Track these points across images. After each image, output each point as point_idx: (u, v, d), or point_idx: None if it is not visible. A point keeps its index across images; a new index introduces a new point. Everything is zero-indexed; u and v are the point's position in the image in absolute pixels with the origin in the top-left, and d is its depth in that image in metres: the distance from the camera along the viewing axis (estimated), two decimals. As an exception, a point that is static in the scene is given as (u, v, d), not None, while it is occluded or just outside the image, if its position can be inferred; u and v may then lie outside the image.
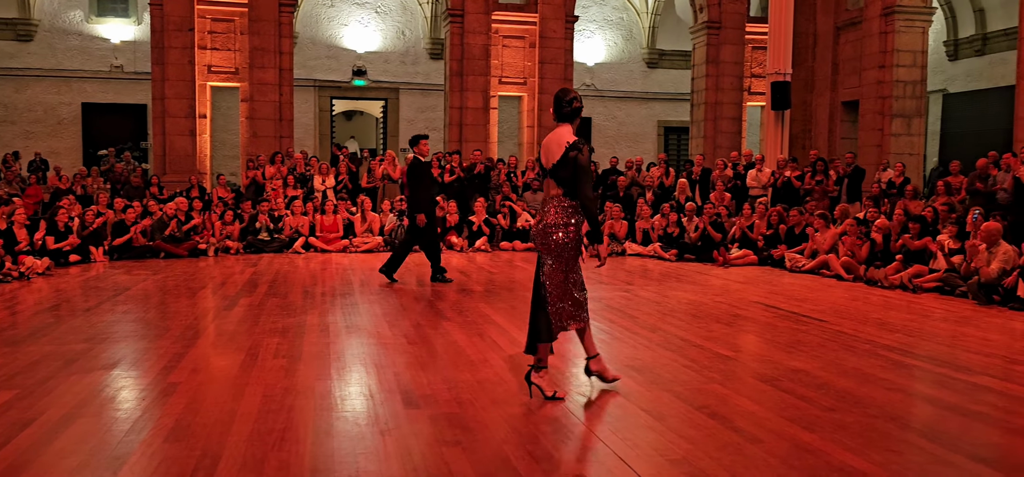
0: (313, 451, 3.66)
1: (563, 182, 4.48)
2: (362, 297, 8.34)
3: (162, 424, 4.02)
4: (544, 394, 4.50)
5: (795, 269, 11.05)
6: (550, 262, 4.51)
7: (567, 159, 4.43)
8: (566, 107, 4.58)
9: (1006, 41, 18.79)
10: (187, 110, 15.90)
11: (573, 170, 4.43)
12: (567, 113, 4.58)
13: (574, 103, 4.58)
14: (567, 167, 4.44)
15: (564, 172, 4.45)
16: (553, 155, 4.50)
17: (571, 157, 4.42)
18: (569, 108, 4.58)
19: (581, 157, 4.42)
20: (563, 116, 4.59)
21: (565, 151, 4.44)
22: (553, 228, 4.48)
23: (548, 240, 4.50)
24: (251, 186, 14.78)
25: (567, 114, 4.59)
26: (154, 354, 5.59)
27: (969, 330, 6.95)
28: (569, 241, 4.49)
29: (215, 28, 16.14)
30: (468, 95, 17.38)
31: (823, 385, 4.88)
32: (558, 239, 4.48)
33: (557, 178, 4.49)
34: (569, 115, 4.58)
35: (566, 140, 4.47)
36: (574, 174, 4.43)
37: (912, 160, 16.39)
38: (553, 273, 4.52)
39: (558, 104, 4.61)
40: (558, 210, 4.49)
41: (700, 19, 19.02)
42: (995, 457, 3.74)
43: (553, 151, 4.51)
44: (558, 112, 4.61)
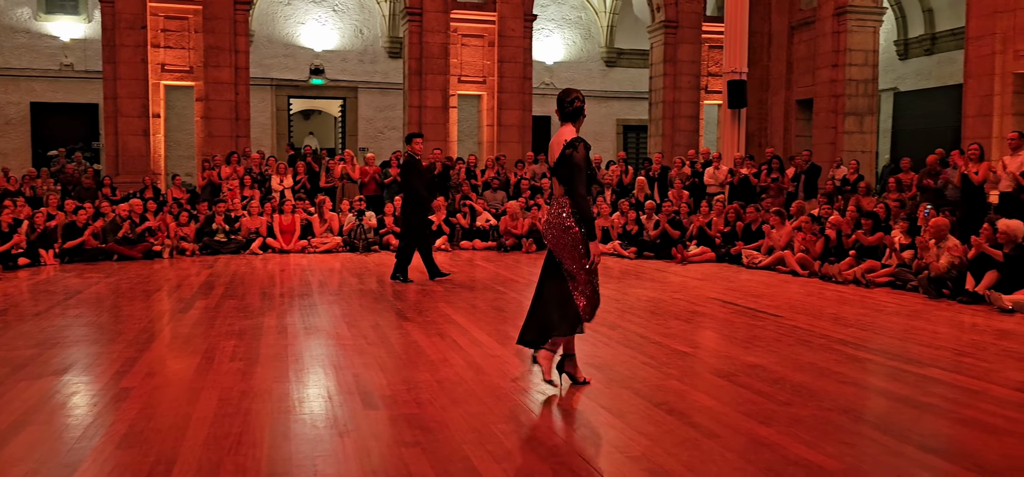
0: (270, 455, 3.62)
1: (564, 180, 4.57)
2: (321, 298, 8.26)
3: (114, 430, 3.94)
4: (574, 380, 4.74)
5: (752, 265, 11.21)
6: (564, 258, 4.58)
7: (564, 157, 4.53)
8: (568, 107, 4.66)
9: (954, 41, 19.27)
10: (140, 110, 15.61)
11: (569, 169, 4.51)
12: (569, 112, 4.66)
13: (575, 102, 4.66)
14: (565, 165, 4.53)
15: (564, 170, 4.54)
16: (554, 154, 4.61)
17: (567, 155, 4.51)
18: (570, 107, 4.66)
19: (575, 155, 4.49)
20: (566, 115, 4.68)
21: (562, 150, 4.54)
22: (559, 225, 4.57)
23: (567, 237, 4.56)
24: (207, 186, 14.55)
25: (569, 113, 4.66)
26: (107, 358, 5.48)
27: (920, 324, 7.11)
28: (576, 237, 4.55)
29: (168, 26, 15.86)
30: (427, 94, 17.32)
31: (779, 380, 4.95)
32: (568, 236, 4.55)
33: (559, 177, 4.60)
34: (571, 114, 4.66)
35: (565, 139, 4.56)
36: (570, 173, 4.51)
37: (865, 157, 16.72)
38: (569, 270, 4.58)
39: (561, 104, 4.69)
40: (562, 209, 4.59)
41: (657, 18, 19.19)
42: (943, 447, 3.84)
43: (554, 151, 4.62)
44: (561, 112, 4.69)
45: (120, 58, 15.41)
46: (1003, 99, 12.78)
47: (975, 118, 13.15)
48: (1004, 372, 5.24)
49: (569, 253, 4.56)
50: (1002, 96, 12.78)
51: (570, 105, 4.65)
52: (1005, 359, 5.65)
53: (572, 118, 4.65)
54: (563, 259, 4.58)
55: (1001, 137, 12.06)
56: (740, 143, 15.81)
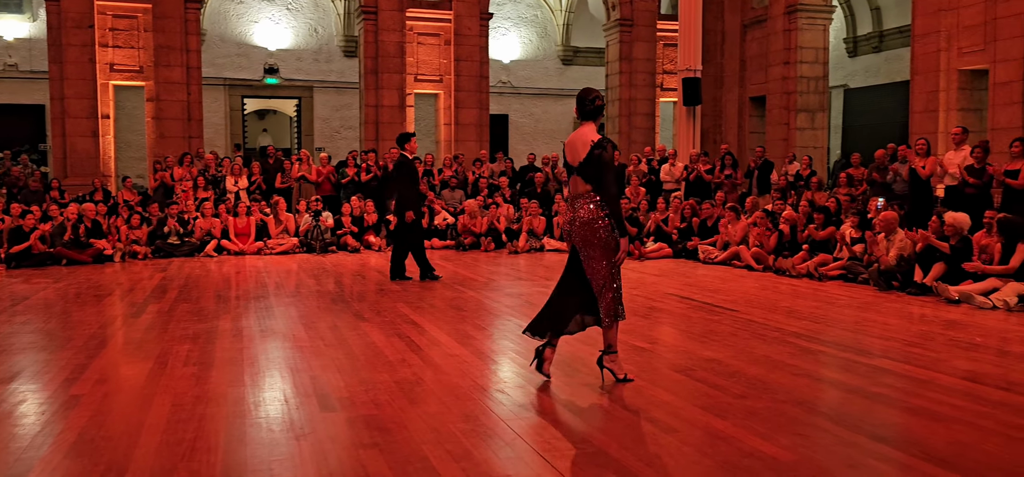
0: (225, 460, 3.56)
1: (591, 179, 4.64)
2: (277, 300, 8.16)
3: (63, 438, 3.84)
4: (616, 377, 4.76)
5: (708, 261, 11.34)
6: (594, 255, 4.67)
7: (593, 157, 4.59)
8: (589, 105, 4.72)
9: (900, 39, 19.73)
10: (89, 110, 15.26)
11: (597, 166, 4.59)
12: (590, 111, 4.72)
13: (596, 101, 4.73)
14: (593, 164, 4.60)
15: (591, 169, 4.61)
16: (579, 153, 4.66)
17: (596, 155, 4.58)
18: (591, 106, 4.72)
19: (605, 154, 4.59)
20: (586, 114, 4.74)
21: (590, 149, 4.60)
22: (594, 223, 4.63)
23: (593, 236, 4.64)
24: (160, 188, 14.28)
25: (590, 112, 4.72)
26: (55, 366, 5.34)
27: (871, 315, 7.26)
28: (610, 234, 4.64)
29: (117, 25, 15.53)
30: (383, 93, 17.20)
31: (735, 373, 5.02)
32: (601, 235, 4.63)
33: (585, 175, 4.66)
34: (592, 113, 4.72)
35: (591, 138, 4.62)
36: (598, 170, 4.59)
37: (816, 153, 17.04)
38: (598, 266, 4.66)
39: (581, 103, 4.75)
40: (593, 206, 4.65)
41: (613, 17, 19.31)
42: (895, 436, 3.92)
43: (578, 149, 4.66)
44: (581, 110, 4.75)
45: (67, 58, 15.04)
46: (948, 95, 13.12)
47: (922, 114, 13.48)
48: (951, 361, 5.38)
49: (597, 251, 4.65)
50: (947, 92, 13.11)
51: (591, 104, 4.71)
52: (952, 349, 5.80)
53: (592, 116, 4.72)
54: (591, 256, 4.66)
55: (947, 132, 12.37)
56: (695, 140, 16.01)
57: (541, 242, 13.34)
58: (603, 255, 4.65)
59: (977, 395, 4.53)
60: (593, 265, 4.67)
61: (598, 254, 4.65)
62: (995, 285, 7.68)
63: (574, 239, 4.73)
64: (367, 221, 13.57)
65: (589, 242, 4.65)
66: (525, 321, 6.86)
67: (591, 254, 4.66)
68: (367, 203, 13.81)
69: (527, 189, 15.35)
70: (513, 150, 21.70)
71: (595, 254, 4.65)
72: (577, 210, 4.70)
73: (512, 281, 9.78)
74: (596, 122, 4.73)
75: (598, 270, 4.66)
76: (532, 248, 13.17)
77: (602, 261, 4.65)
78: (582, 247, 4.69)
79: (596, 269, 4.67)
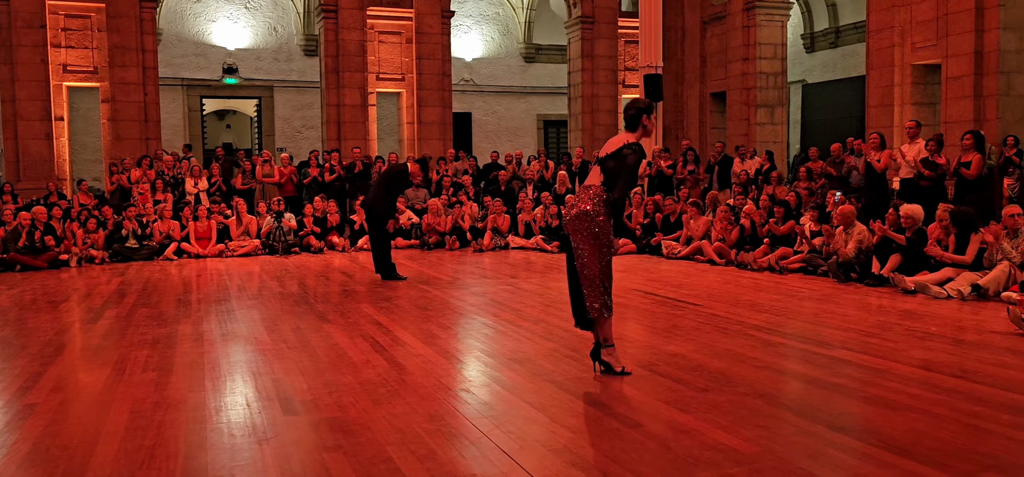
0: (185, 467, 3.51)
1: (608, 172, 4.74)
2: (239, 303, 8.06)
3: (17, 448, 3.75)
4: (613, 370, 4.81)
5: (671, 256, 11.44)
6: (587, 247, 4.73)
7: (620, 154, 4.71)
8: (631, 112, 4.85)
9: (856, 34, 20.06)
10: (41, 112, 14.93)
11: (619, 164, 4.69)
12: (630, 117, 4.84)
13: (629, 110, 4.85)
14: (616, 160, 4.71)
15: (612, 163, 4.72)
16: (610, 147, 4.82)
17: (624, 154, 4.71)
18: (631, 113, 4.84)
19: (631, 157, 4.69)
20: (627, 121, 4.88)
21: (622, 146, 4.74)
22: (594, 214, 4.71)
23: (587, 229, 4.72)
24: (116, 191, 14.02)
25: (630, 117, 4.84)
26: (9, 374, 5.21)
27: (830, 307, 7.38)
28: (605, 232, 4.74)
29: (70, 25, 15.21)
30: (345, 92, 17.07)
31: (697, 367, 5.07)
32: (593, 229, 4.71)
33: (605, 167, 4.76)
34: (631, 120, 4.84)
35: (627, 139, 4.77)
36: (618, 169, 4.69)
37: (776, 147, 17.25)
38: (591, 258, 4.73)
39: (625, 111, 4.91)
40: (595, 201, 4.73)
41: (574, 14, 19.38)
42: (853, 425, 3.99)
43: (612, 144, 4.83)
44: (625, 118, 4.90)
45: (17, 58, 14.70)
46: (903, 90, 13.38)
47: (877, 108, 13.72)
48: (908, 351, 5.49)
49: (588, 243, 4.72)
50: (902, 87, 13.37)
51: (627, 112, 4.85)
52: (908, 338, 5.92)
53: (631, 126, 4.82)
54: (581, 247, 4.74)
55: (901, 126, 12.62)
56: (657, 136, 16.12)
57: (506, 240, 13.34)
58: (594, 248, 4.72)
59: (932, 384, 4.62)
60: (583, 257, 4.74)
61: (588, 247, 4.72)
62: (949, 275, 7.86)
63: (567, 228, 4.84)
64: (330, 222, 13.45)
65: (580, 232, 4.73)
66: (490, 318, 6.88)
67: (581, 245, 4.74)
68: (330, 203, 13.69)
69: (491, 187, 15.34)
70: (477, 148, 21.67)
71: (585, 247, 4.72)
72: (579, 201, 4.79)
73: (477, 280, 9.77)
74: (635, 131, 4.80)
75: (588, 262, 4.73)
76: (497, 246, 13.17)
77: (593, 255, 4.72)
78: (573, 236, 4.78)
79: (586, 261, 4.73)
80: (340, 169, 14.77)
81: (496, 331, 6.41)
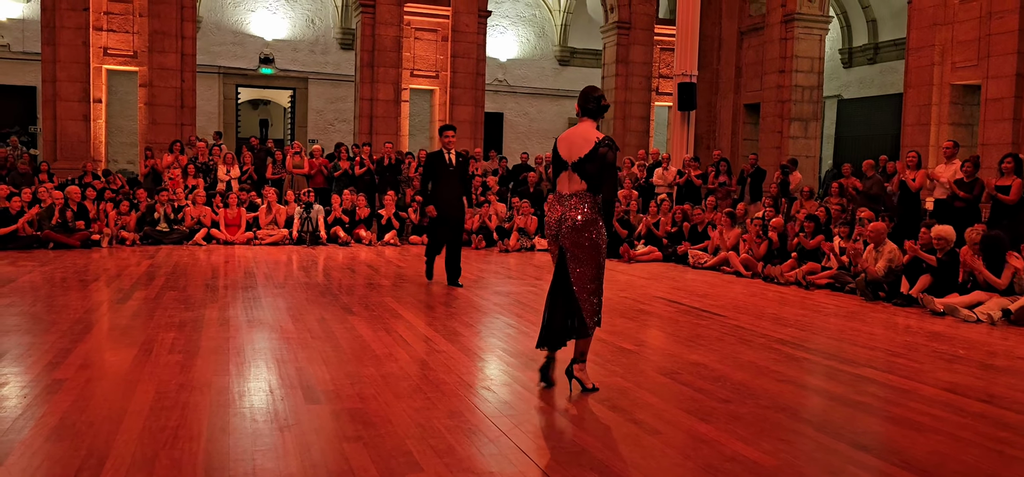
0: (207, 449, 3.55)
1: (589, 176, 4.50)
2: (265, 291, 8.14)
3: (45, 422, 3.83)
4: (584, 387, 4.59)
5: (697, 265, 11.37)
6: (583, 258, 4.53)
7: (597, 154, 4.46)
8: (592, 103, 4.61)
9: (895, 51, 19.82)
10: (81, 94, 15.18)
11: (601, 166, 4.47)
12: (593, 109, 4.61)
13: (602, 101, 4.62)
14: (595, 162, 4.47)
15: (591, 166, 4.47)
16: (580, 149, 4.51)
17: (602, 153, 4.46)
18: (596, 105, 4.61)
19: (610, 154, 4.48)
20: (589, 112, 4.62)
21: (595, 146, 4.46)
22: (587, 226, 4.50)
23: (581, 238, 4.51)
24: (150, 174, 14.23)
25: (593, 110, 4.61)
26: (39, 349, 5.32)
27: (856, 325, 7.30)
28: (603, 239, 4.55)
29: (112, 9, 15.46)
30: (379, 87, 17.18)
31: (720, 377, 5.04)
32: (593, 237, 4.52)
33: (583, 172, 4.50)
34: (595, 111, 4.62)
35: (595, 136, 4.50)
36: (601, 170, 4.48)
37: (808, 162, 17.11)
38: (586, 270, 4.53)
39: (586, 99, 4.63)
40: (587, 207, 4.51)
41: (611, 19, 19.34)
42: (875, 444, 3.94)
43: (579, 145, 4.52)
44: (584, 107, 4.64)
45: (60, 40, 14.97)
46: (940, 109, 13.19)
47: (914, 127, 13.54)
48: (934, 372, 5.41)
49: (587, 254, 4.52)
50: (939, 106, 13.19)
51: (596, 102, 4.60)
52: (935, 360, 5.83)
53: (595, 115, 4.62)
54: (580, 259, 4.51)
55: (937, 146, 12.44)
56: (689, 145, 16.04)
57: (532, 242, 13.35)
58: (593, 259, 4.52)
59: (958, 407, 4.56)
60: (581, 269, 4.52)
61: (588, 257, 4.51)
62: (980, 299, 7.73)
63: (563, 241, 4.55)
64: (359, 215, 13.54)
65: (580, 244, 4.51)
66: (514, 319, 6.89)
67: (580, 256, 4.51)
68: (359, 197, 13.79)
69: (520, 188, 15.35)
70: (507, 148, 21.69)
71: (585, 257, 4.51)
72: (569, 211, 4.52)
73: (502, 279, 9.78)
74: (597, 122, 4.62)
75: (585, 273, 4.52)
76: (523, 247, 13.18)
77: (591, 265, 4.52)
78: (571, 249, 4.52)
79: (583, 272, 4.52)
80: (370, 163, 14.86)
81: (519, 331, 6.42)
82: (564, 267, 4.56)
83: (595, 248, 4.53)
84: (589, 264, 4.53)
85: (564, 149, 4.59)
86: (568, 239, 4.54)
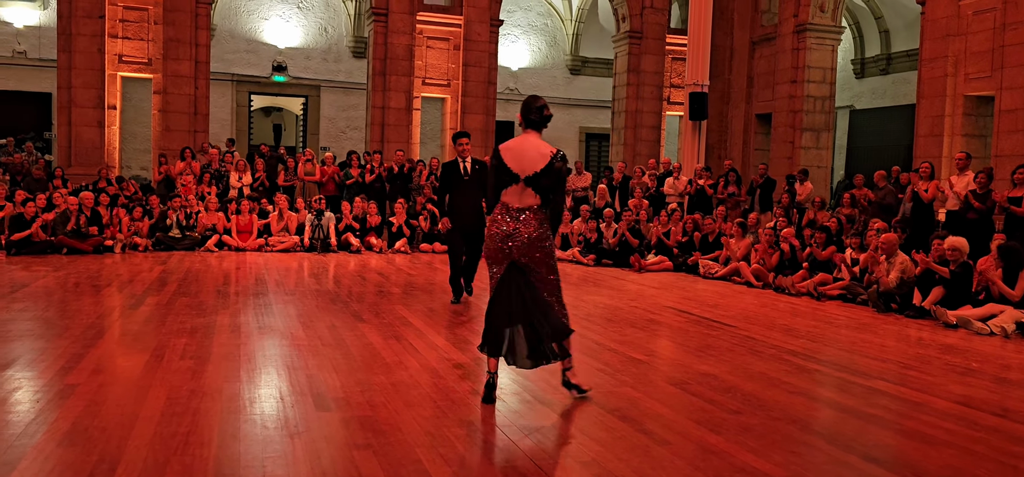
0: (218, 455, 3.57)
1: (542, 190, 4.42)
2: (276, 297, 8.17)
3: (57, 427, 3.85)
4: (581, 390, 4.65)
5: (708, 275, 11.34)
6: (541, 271, 4.48)
7: (553, 169, 4.39)
8: (534, 114, 4.54)
9: (908, 62, 19.74)
10: (95, 100, 15.30)
11: (555, 180, 4.40)
12: (536, 120, 4.54)
13: (545, 111, 4.56)
14: (551, 177, 4.39)
15: (546, 181, 4.40)
16: (535, 163, 4.41)
17: (557, 168, 4.40)
18: (539, 115, 4.54)
19: (564, 169, 4.45)
20: (532, 123, 4.55)
21: (550, 160, 4.39)
22: (542, 239, 4.45)
23: (538, 250, 4.44)
24: (163, 181, 14.32)
25: (536, 121, 4.55)
26: (52, 354, 5.35)
27: (868, 336, 7.26)
28: (554, 248, 4.54)
29: (127, 17, 15.58)
30: (391, 95, 17.24)
31: (730, 388, 5.02)
32: (547, 247, 4.48)
33: (537, 186, 4.41)
34: (538, 123, 4.55)
35: (549, 150, 4.42)
36: (555, 184, 4.41)
37: (820, 172, 17.06)
38: (547, 280, 4.50)
39: (528, 110, 4.55)
40: (537, 222, 4.44)
41: (622, 28, 19.35)
42: (887, 457, 3.92)
43: (533, 159, 4.42)
44: (527, 118, 4.56)
45: (76, 47, 15.10)
46: (953, 120, 13.13)
47: (927, 137, 13.49)
48: (946, 386, 5.38)
49: (544, 267, 4.48)
50: (952, 117, 13.13)
51: (539, 113, 4.53)
52: (948, 373, 5.80)
53: (539, 126, 4.54)
54: (538, 273, 4.47)
55: (950, 157, 12.38)
56: (700, 155, 16.01)
57: (542, 250, 13.31)
58: (550, 270, 4.49)
59: (971, 420, 4.52)
60: (546, 276, 4.48)
61: (545, 270, 4.47)
62: (993, 311, 7.67)
63: (517, 257, 4.44)
64: (370, 222, 13.58)
65: (535, 260, 4.44)
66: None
67: (538, 271, 4.46)
68: (370, 204, 13.83)
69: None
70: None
71: (543, 271, 4.46)
72: (523, 226, 4.41)
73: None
74: (540, 133, 4.54)
75: (550, 280, 4.50)
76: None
77: (553, 271, 4.51)
78: (530, 263, 4.44)
79: (547, 278, 4.48)
80: (381, 171, 14.90)
81: (529, 340, 6.41)
82: (521, 280, 4.45)
83: (552, 255, 4.50)
84: (551, 270, 4.51)
85: (514, 162, 4.45)
86: (524, 254, 4.44)
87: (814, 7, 16.91)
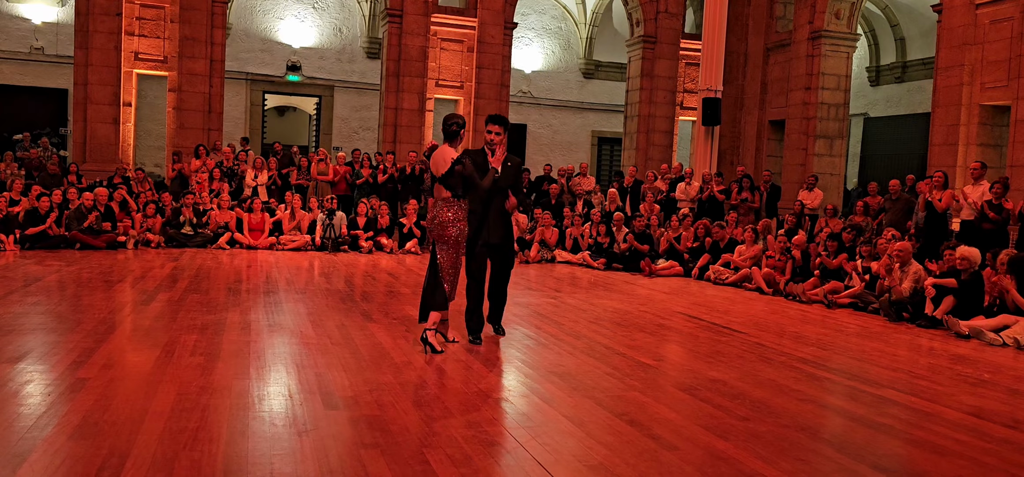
0: (227, 451, 3.58)
1: (452, 187, 5.72)
2: (287, 296, 8.20)
3: (68, 421, 3.88)
4: (434, 349, 5.65)
5: (719, 281, 11.30)
6: (445, 250, 5.74)
7: (453, 171, 5.66)
8: (445, 130, 5.78)
9: (924, 70, 19.63)
10: (111, 97, 15.39)
11: (459, 179, 5.69)
12: (449, 133, 5.77)
13: (453, 126, 5.77)
14: (454, 177, 5.68)
15: (452, 180, 5.69)
16: (441, 167, 5.71)
17: (458, 170, 5.67)
18: (448, 130, 5.78)
19: (464, 170, 5.67)
20: (447, 136, 5.78)
21: (452, 165, 5.66)
22: (449, 224, 5.71)
23: (444, 233, 5.72)
24: (177, 178, 14.39)
25: (450, 134, 5.77)
26: (64, 348, 5.39)
27: (879, 345, 7.21)
28: (461, 234, 5.77)
29: (144, 14, 15.67)
30: (404, 96, 17.28)
31: (739, 395, 5.00)
32: (452, 234, 5.73)
33: (446, 185, 5.73)
34: (450, 136, 5.77)
35: (451, 156, 5.68)
36: (462, 182, 5.69)
37: (833, 180, 16.98)
38: (446, 258, 5.74)
39: (445, 125, 5.78)
40: (451, 209, 5.73)
41: (636, 33, 19.32)
42: (897, 467, 3.90)
43: (440, 164, 5.72)
44: (444, 131, 5.78)
45: (93, 44, 15.20)
46: (969, 129, 13.04)
47: (941, 146, 13.40)
48: (957, 396, 5.34)
49: (447, 247, 5.72)
50: (968, 126, 13.04)
51: (448, 128, 5.76)
52: (959, 383, 5.76)
53: (451, 138, 5.75)
54: (441, 251, 5.73)
55: (965, 166, 12.30)
56: (712, 160, 15.98)
57: (552, 253, 13.34)
58: (452, 250, 5.73)
59: (982, 431, 4.49)
60: (442, 258, 5.72)
61: (446, 250, 5.73)
62: (1006, 322, 7.61)
63: (432, 235, 5.78)
64: (381, 223, 13.61)
65: (442, 238, 5.71)
66: (532, 330, 6.88)
67: (441, 249, 5.72)
68: (382, 205, 13.86)
69: (542, 200, 15.35)
70: (530, 160, 21.70)
71: (444, 250, 5.73)
72: (440, 213, 5.71)
73: (521, 291, 9.78)
74: (454, 143, 5.73)
75: (445, 262, 5.72)
76: (543, 259, 13.18)
77: (450, 254, 5.73)
78: (437, 242, 5.74)
79: (444, 261, 5.72)
80: (394, 171, 14.93)
81: (537, 343, 6.41)
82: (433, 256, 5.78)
83: (455, 242, 5.73)
84: (448, 253, 5.73)
85: (433, 167, 5.77)
86: (437, 234, 5.74)
87: (829, 14, 16.83)
